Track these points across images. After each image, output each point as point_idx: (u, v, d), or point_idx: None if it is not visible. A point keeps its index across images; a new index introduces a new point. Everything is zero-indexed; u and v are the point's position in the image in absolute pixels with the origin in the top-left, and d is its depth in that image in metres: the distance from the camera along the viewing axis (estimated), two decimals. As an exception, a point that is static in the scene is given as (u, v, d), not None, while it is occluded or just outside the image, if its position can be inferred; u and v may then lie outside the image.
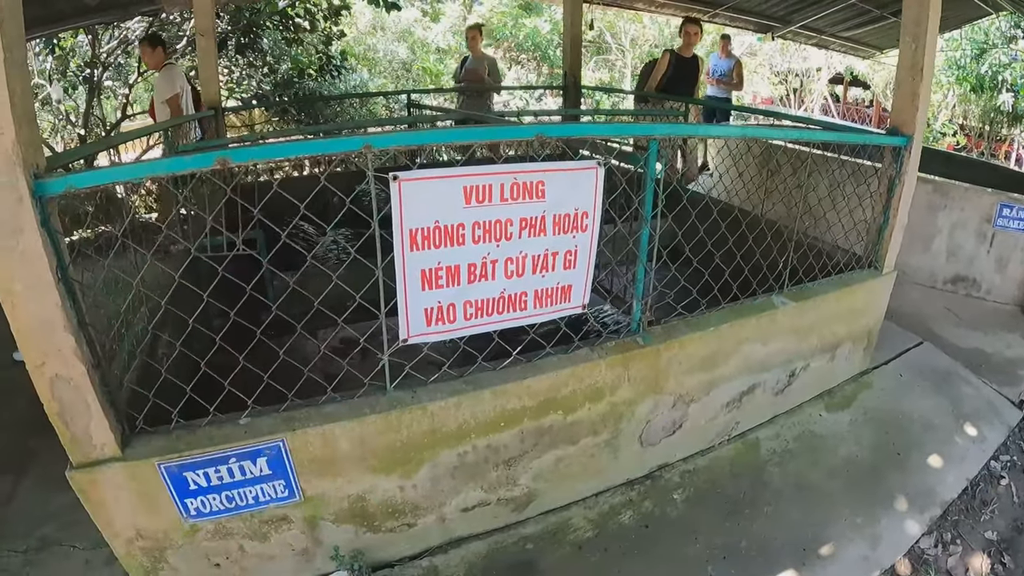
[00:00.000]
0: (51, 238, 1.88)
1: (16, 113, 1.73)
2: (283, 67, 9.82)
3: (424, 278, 2.11)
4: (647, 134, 2.46)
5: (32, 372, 1.99)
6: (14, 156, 1.74)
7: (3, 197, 1.77)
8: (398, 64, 17.30)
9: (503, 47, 18.57)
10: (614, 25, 17.77)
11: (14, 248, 1.82)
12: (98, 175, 2.23)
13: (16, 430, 3.64)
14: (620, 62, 18.68)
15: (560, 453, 2.55)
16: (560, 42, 17.28)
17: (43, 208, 1.84)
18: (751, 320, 2.91)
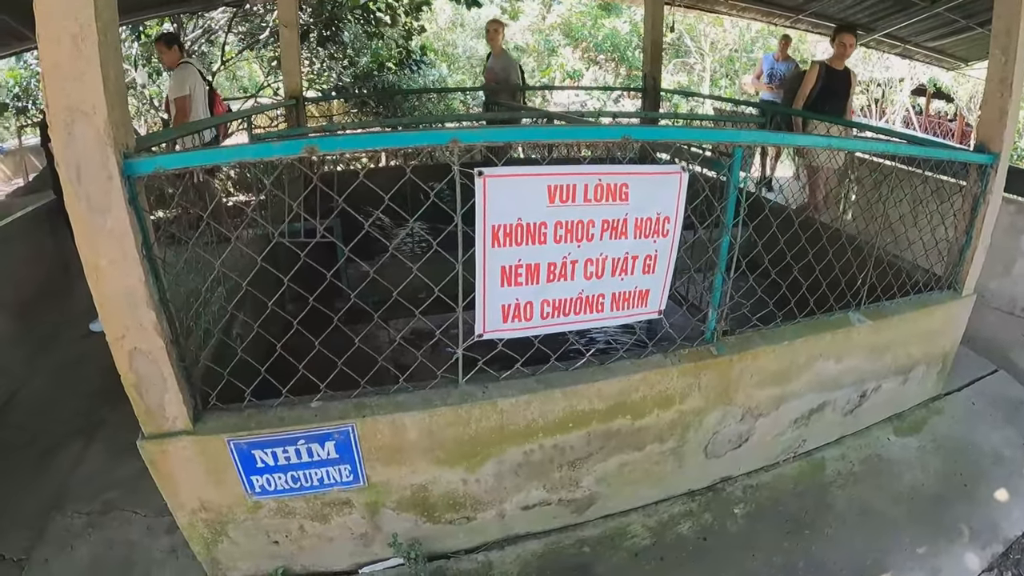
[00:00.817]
0: (138, 216, 1.93)
1: (109, 94, 1.78)
2: (363, 60, 9.93)
3: (504, 274, 2.10)
4: (732, 140, 2.41)
5: (112, 344, 2.04)
6: (105, 136, 1.79)
7: (94, 175, 1.83)
8: (476, 61, 17.35)
9: (581, 47, 18.46)
10: (694, 28, 17.45)
11: (102, 225, 1.88)
12: (187, 157, 2.28)
13: (88, 398, 3.77)
14: (699, 66, 18.33)
15: (625, 458, 2.52)
16: (639, 44, 17.02)
17: (131, 187, 1.90)
18: (826, 336, 2.83)
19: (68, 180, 1.83)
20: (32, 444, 3.45)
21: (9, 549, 2.80)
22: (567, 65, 18.40)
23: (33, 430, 3.57)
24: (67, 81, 1.74)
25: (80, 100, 1.76)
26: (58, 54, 1.72)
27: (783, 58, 8.01)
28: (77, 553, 2.76)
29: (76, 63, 1.73)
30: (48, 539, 2.85)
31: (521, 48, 18.67)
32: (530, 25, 19.19)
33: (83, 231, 1.89)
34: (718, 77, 18.15)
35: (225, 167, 5.34)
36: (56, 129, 1.79)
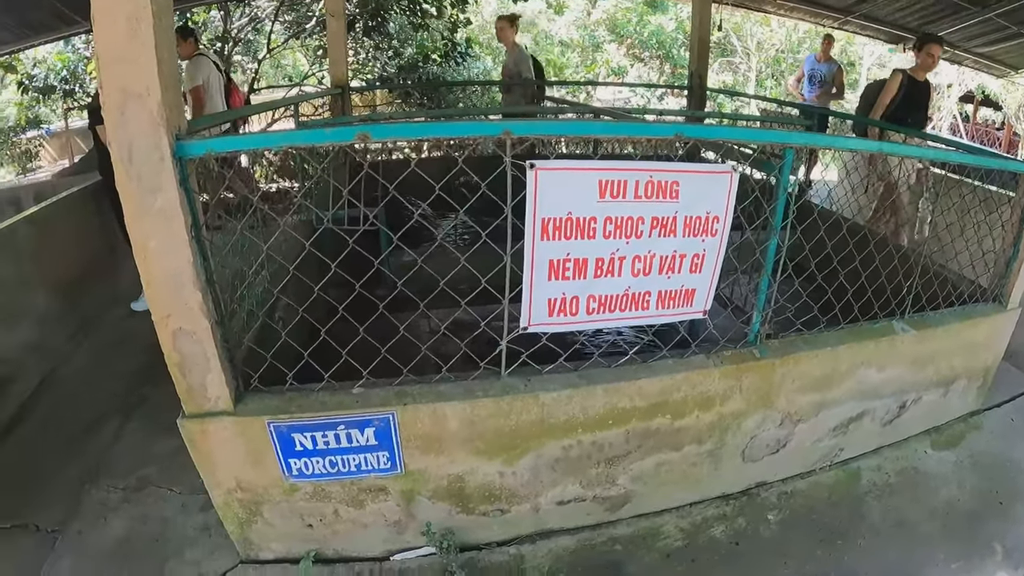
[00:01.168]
0: (188, 198, 1.95)
1: (162, 76, 1.79)
2: (408, 51, 9.97)
3: (552, 268, 2.09)
4: (783, 141, 2.37)
5: (157, 323, 2.06)
6: (158, 118, 1.81)
7: (146, 156, 1.84)
8: None
9: (626, 44, 18.27)
10: (740, 27, 17.20)
11: (152, 205, 1.89)
12: (238, 141, 2.30)
13: (129, 376, 3.83)
14: (744, 65, 18.10)
15: (662, 458, 2.50)
16: (684, 41, 16.74)
17: (183, 169, 1.91)
18: (869, 344, 2.78)
19: (119, 160, 1.85)
20: (72, 419, 3.50)
21: (44, 520, 2.85)
22: (612, 61, 18.19)
23: (73, 405, 3.62)
24: (121, 63, 1.76)
25: (134, 82, 1.77)
26: (113, 36, 1.74)
27: (825, 59, 7.66)
28: (110, 527, 2.80)
29: (131, 45, 1.75)
30: (83, 512, 2.89)
31: (565, 43, 18.50)
32: (575, 20, 18.99)
33: (133, 211, 1.91)
34: (763, 78, 17.87)
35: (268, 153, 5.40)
36: (109, 110, 1.81)
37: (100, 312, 3.99)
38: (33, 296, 3.86)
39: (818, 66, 7.69)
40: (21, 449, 3.34)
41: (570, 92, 12.96)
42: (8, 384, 3.57)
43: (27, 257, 3.77)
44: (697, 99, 6.79)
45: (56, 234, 4.16)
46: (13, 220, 3.77)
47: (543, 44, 18.24)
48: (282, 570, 2.51)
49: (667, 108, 13.84)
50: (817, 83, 7.66)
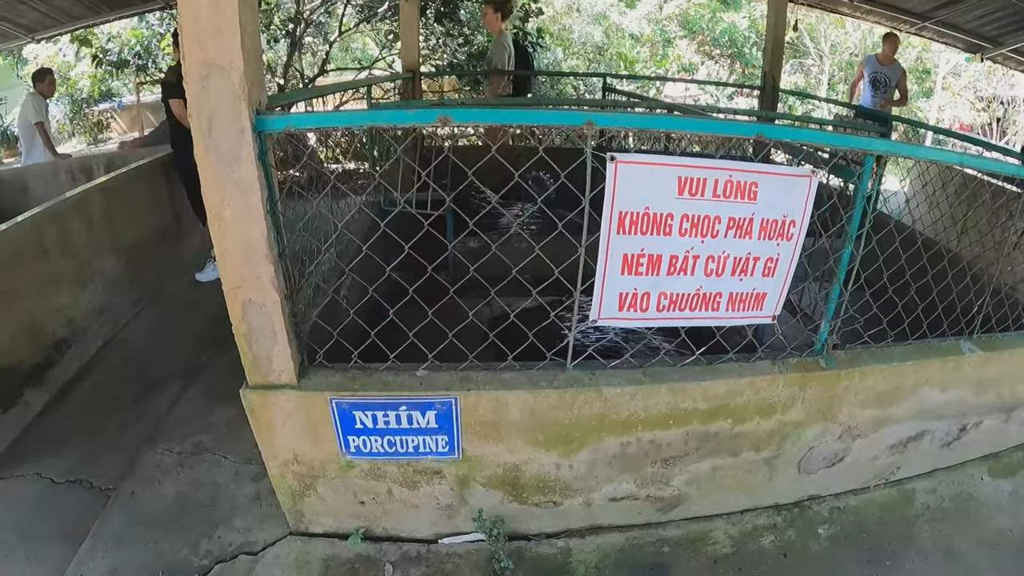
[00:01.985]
0: (265, 171, 1.94)
1: (245, 50, 1.79)
2: (478, 39, 9.90)
3: (625, 262, 2.05)
4: (864, 148, 2.28)
5: (227, 293, 2.07)
6: (240, 91, 1.80)
7: (227, 128, 1.84)
8: (591, 47, 17.03)
9: (697, 40, 17.82)
10: (814, 28, 16.64)
11: (230, 176, 1.89)
12: (319, 118, 2.30)
13: (190, 343, 3.89)
14: (816, 67, 17.51)
15: (719, 462, 2.44)
16: (756, 40, 16.25)
17: (261, 143, 1.91)
18: (935, 362, 2.68)
19: (199, 131, 1.85)
20: (132, 382, 3.57)
21: (99, 478, 2.90)
22: (683, 58, 17.78)
23: (134, 369, 3.69)
24: (205, 35, 1.76)
25: (217, 55, 1.77)
26: (198, 8, 1.73)
27: (888, 61, 7.06)
28: (163, 489, 2.84)
29: (215, 18, 1.74)
30: (137, 473, 2.93)
31: (636, 37, 18.22)
32: (647, 14, 18.43)
33: (210, 181, 1.91)
34: (836, 81, 17.20)
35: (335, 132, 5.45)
36: (191, 81, 1.81)
37: (164, 280, 4.07)
38: (101, 261, 3.95)
39: (881, 68, 7.12)
40: (80, 407, 3.42)
41: (640, 87, 12.79)
42: (72, 344, 3.66)
43: (97, 223, 3.85)
44: (769, 100, 6.66)
45: (126, 203, 4.25)
46: (86, 187, 3.85)
47: (613, 37, 17.85)
48: (329, 544, 2.52)
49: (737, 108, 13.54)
50: (881, 87, 7.10)
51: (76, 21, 7.18)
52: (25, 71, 12.70)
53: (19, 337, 3.28)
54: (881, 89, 7.10)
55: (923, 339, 2.73)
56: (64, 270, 3.61)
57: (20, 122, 6.31)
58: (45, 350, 3.48)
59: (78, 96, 13.32)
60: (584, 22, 17.37)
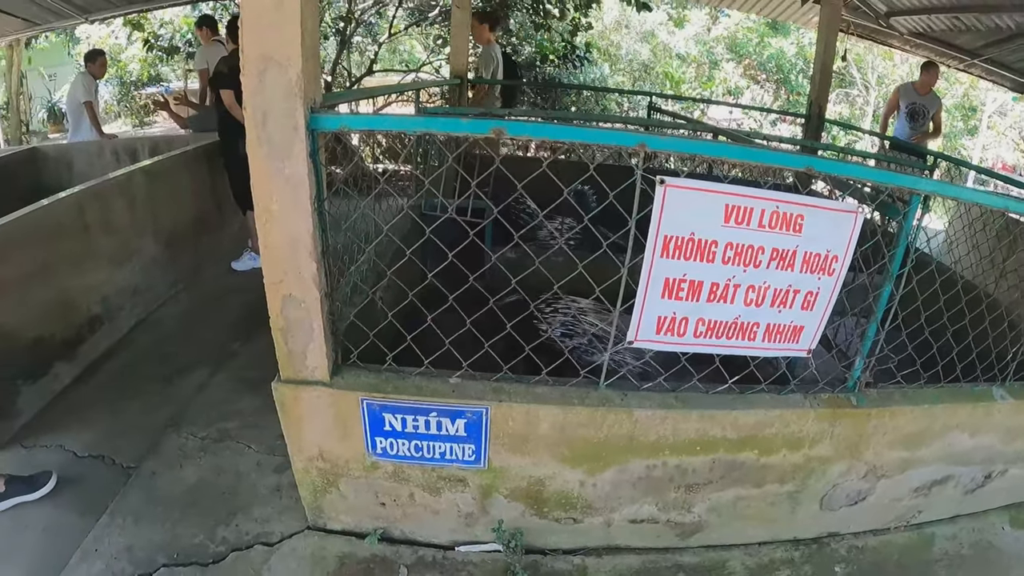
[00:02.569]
0: (316, 169, 1.94)
1: (304, 47, 1.79)
2: (527, 49, 9.91)
3: (666, 286, 2.02)
4: (912, 187, 2.24)
5: (268, 287, 2.06)
6: (296, 88, 1.80)
7: (281, 123, 1.84)
8: (638, 65, 16.97)
9: (744, 64, 17.70)
10: (862, 59, 16.42)
11: (281, 171, 1.89)
12: (373, 120, 2.30)
13: (221, 330, 3.91)
14: (861, 98, 17.29)
15: (742, 492, 2.41)
16: (804, 67, 16.09)
17: (314, 140, 1.90)
18: (966, 407, 2.62)
19: (253, 124, 1.85)
20: (162, 363, 3.59)
21: (122, 456, 2.92)
22: (729, 80, 17.68)
23: (165, 350, 3.72)
24: (265, 30, 1.76)
25: (276, 50, 1.77)
26: (259, 2, 1.74)
27: (925, 90, 6.61)
28: (185, 472, 2.85)
29: (276, 13, 1.74)
30: (160, 454, 2.94)
31: (683, 57, 18.11)
32: (695, 35, 18.46)
33: (260, 174, 1.91)
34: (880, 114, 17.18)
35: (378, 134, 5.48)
36: (248, 75, 1.81)
37: (201, 266, 4.10)
38: (140, 242, 3.98)
39: (919, 99, 6.64)
40: (108, 384, 3.44)
41: (685, 108, 12.72)
42: (105, 321, 3.69)
43: (140, 205, 3.89)
44: (814, 129, 6.51)
45: (169, 187, 4.30)
46: (131, 168, 3.89)
47: (661, 56, 17.76)
48: (346, 541, 2.51)
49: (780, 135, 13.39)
50: (919, 119, 6.62)
51: (130, 5, 7.30)
52: (77, 50, 12.94)
53: (54, 311, 3.31)
54: (920, 121, 6.71)
55: (955, 382, 2.68)
56: (103, 248, 3.64)
57: (69, 100, 6.39)
58: (78, 325, 3.51)
59: (127, 78, 13.53)
60: (632, 39, 17.32)
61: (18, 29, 7.34)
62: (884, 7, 7.18)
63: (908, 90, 6.81)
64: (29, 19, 6.93)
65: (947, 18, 6.60)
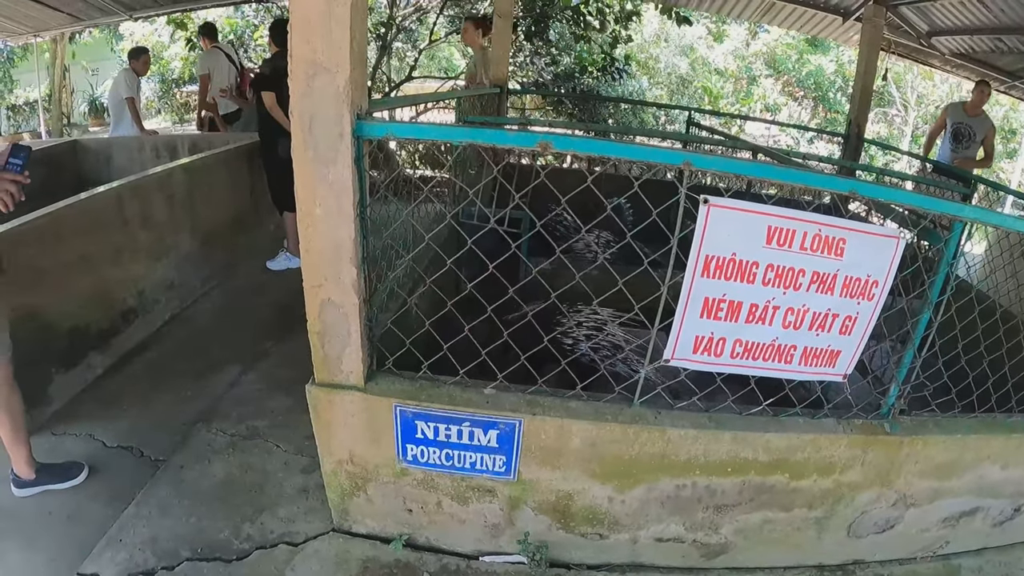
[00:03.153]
0: (359, 175, 1.94)
1: (353, 54, 1.79)
2: (566, 60, 9.93)
3: (706, 306, 1.99)
4: (955, 214, 2.19)
5: (307, 291, 2.07)
6: (344, 94, 1.80)
7: (326, 129, 1.84)
8: (676, 78, 17.00)
9: (782, 80, 17.68)
10: (901, 78, 16.33)
11: (325, 176, 1.89)
12: (419, 130, 2.29)
13: (254, 328, 3.92)
14: (900, 118, 17.13)
15: (770, 515, 2.36)
16: (842, 85, 16.03)
17: (359, 147, 1.90)
18: (999, 438, 2.56)
19: (299, 128, 1.86)
20: (194, 358, 3.60)
21: (151, 448, 2.93)
22: (768, 97, 17.64)
23: (197, 345, 3.73)
24: (315, 36, 1.76)
25: (325, 56, 1.78)
26: (309, 8, 1.75)
27: (977, 112, 6.21)
28: (213, 468, 2.85)
29: (326, 20, 1.75)
30: (188, 448, 2.95)
31: (721, 72, 17.98)
32: (734, 50, 18.49)
33: (304, 179, 1.92)
34: (919, 134, 16.57)
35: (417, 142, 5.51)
36: (296, 79, 1.81)
37: (237, 264, 4.13)
38: (178, 238, 4.02)
39: (967, 119, 6.22)
40: (140, 376, 3.46)
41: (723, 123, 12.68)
42: (140, 314, 3.72)
43: (178, 201, 3.92)
44: (852, 149, 6.42)
45: (208, 184, 4.34)
46: (171, 165, 3.93)
47: (699, 70, 17.76)
48: (371, 545, 2.49)
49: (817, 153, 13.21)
50: (964, 141, 6.21)
51: (174, 4, 7.41)
52: (121, 47, 13.14)
53: (91, 301, 3.35)
54: (964, 143, 6.31)
55: (990, 412, 2.62)
56: (141, 242, 3.68)
57: (111, 95, 6.51)
58: (113, 317, 3.54)
59: (168, 76, 13.73)
60: (671, 52, 17.33)
61: (63, 24, 7.47)
62: (926, 26, 7.10)
63: (956, 109, 6.42)
64: (75, 15, 7.06)
65: (989, 39, 6.51)
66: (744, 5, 7.50)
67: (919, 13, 6.86)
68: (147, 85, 13.08)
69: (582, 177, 2.02)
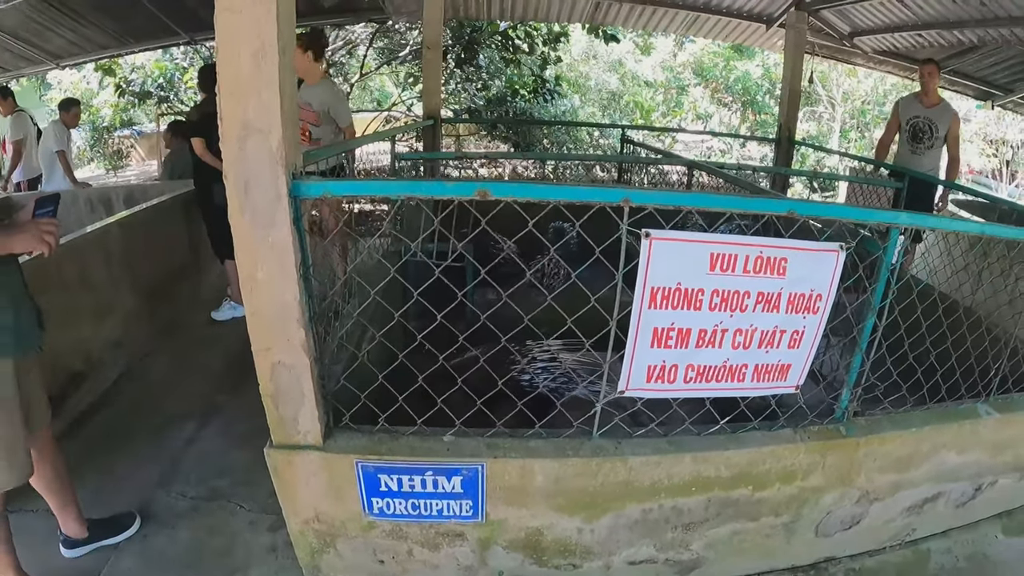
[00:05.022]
0: (299, 235, 1.94)
1: (284, 114, 1.80)
2: (497, 84, 10.06)
3: (655, 336, 2.06)
4: (891, 222, 2.30)
5: (256, 354, 2.06)
6: (278, 155, 1.81)
7: (263, 192, 1.85)
8: (607, 94, 17.40)
9: (711, 88, 18.13)
10: (826, 77, 16.91)
11: (265, 239, 1.89)
12: (356, 186, 2.32)
13: (207, 381, 3.88)
14: (828, 115, 17.71)
15: (738, 527, 2.45)
16: (770, 88, 16.55)
17: (296, 207, 1.91)
18: (952, 426, 2.69)
19: (235, 192, 1.86)
20: (148, 417, 3.56)
21: (111, 518, 2.87)
22: (699, 106, 18.13)
23: (150, 404, 3.69)
24: (244, 97, 1.77)
25: (256, 117, 1.78)
26: (237, 70, 1.75)
27: (935, 101, 5.51)
28: (178, 533, 2.82)
29: (255, 81, 1.76)
30: (151, 515, 2.91)
31: (651, 84, 18.37)
32: (662, 62, 19.00)
33: (244, 243, 1.92)
34: (848, 129, 17.50)
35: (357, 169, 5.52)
36: (228, 142, 1.81)
37: (182, 316, 4.08)
38: (120, 295, 3.96)
39: (925, 112, 5.44)
40: (94, 441, 3.40)
41: (656, 136, 12.93)
42: (88, 377, 3.65)
43: (117, 259, 3.87)
44: (784, 152, 6.61)
45: (146, 238, 4.28)
46: (107, 222, 3.88)
47: (629, 85, 18.19)
48: (346, 599, 2.50)
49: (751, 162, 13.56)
50: (925, 139, 5.43)
51: (102, 50, 7.27)
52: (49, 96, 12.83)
53: (36, 371, 3.27)
54: (926, 141, 5.45)
55: (941, 402, 2.74)
56: (82, 304, 3.62)
57: (41, 149, 6.43)
58: (62, 383, 3.47)
59: (99, 124, 13.49)
60: (601, 69, 17.80)
61: (-11, 75, 7.26)
62: (848, 28, 7.38)
63: (909, 103, 5.63)
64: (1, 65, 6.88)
65: (910, 35, 6.79)
66: (670, 19, 7.68)
67: (840, 15, 7.12)
68: (78, 134, 12.84)
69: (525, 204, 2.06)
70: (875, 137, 7.23)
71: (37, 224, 2.11)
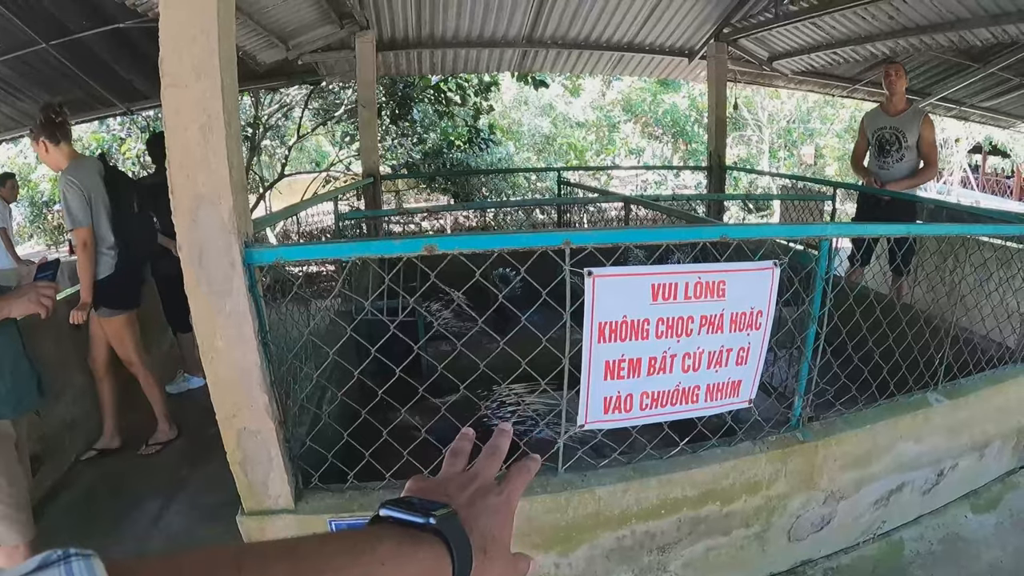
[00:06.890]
0: (256, 302, 2.04)
1: (233, 183, 1.90)
2: (432, 137, 10.29)
3: (607, 368, 2.20)
4: (820, 234, 2.50)
5: (221, 422, 2.14)
6: (229, 224, 1.91)
7: (216, 261, 1.94)
8: (540, 138, 17.92)
9: (641, 122, 18.96)
10: (751, 101, 17.79)
11: (222, 308, 1.98)
12: (307, 250, 2.42)
13: (167, 456, 3.92)
14: (756, 137, 18.66)
15: (711, 543, 2.59)
16: (698, 118, 17.42)
17: (251, 274, 2.01)
18: (906, 418, 2.89)
19: (189, 262, 1.95)
20: (111, 497, 3.58)
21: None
22: (630, 142, 18.95)
23: (112, 483, 3.70)
24: (194, 169, 1.87)
25: (206, 188, 1.88)
26: (186, 142, 1.85)
27: (901, 107, 5.07)
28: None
29: (203, 152, 1.86)
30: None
31: (582, 124, 19.08)
32: (591, 102, 19.79)
33: (201, 312, 2.00)
34: (776, 149, 18.53)
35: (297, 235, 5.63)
36: (180, 213, 1.90)
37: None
38: (71, 375, 3.97)
39: (891, 121, 5.02)
40: (57, 527, 3.39)
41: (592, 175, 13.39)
42: (45, 460, 3.66)
43: (66, 337, 3.88)
44: (717, 178, 7.02)
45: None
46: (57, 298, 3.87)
47: (561, 127, 18.86)
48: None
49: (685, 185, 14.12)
50: (894, 151, 5.01)
51: (38, 124, 7.24)
52: (-16, 170, 12.63)
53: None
54: (895, 153, 5.04)
55: (892, 397, 2.94)
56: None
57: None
58: (18, 469, 3.47)
59: (38, 199, 13.35)
60: (533, 114, 18.53)
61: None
62: (767, 53, 7.84)
63: (874, 115, 5.28)
64: (-67, 141, 6.86)
65: (826, 55, 7.26)
66: (595, 61, 8.01)
67: (758, 42, 7.57)
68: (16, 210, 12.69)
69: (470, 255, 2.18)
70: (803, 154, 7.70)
71: (36, 287, 2.23)
